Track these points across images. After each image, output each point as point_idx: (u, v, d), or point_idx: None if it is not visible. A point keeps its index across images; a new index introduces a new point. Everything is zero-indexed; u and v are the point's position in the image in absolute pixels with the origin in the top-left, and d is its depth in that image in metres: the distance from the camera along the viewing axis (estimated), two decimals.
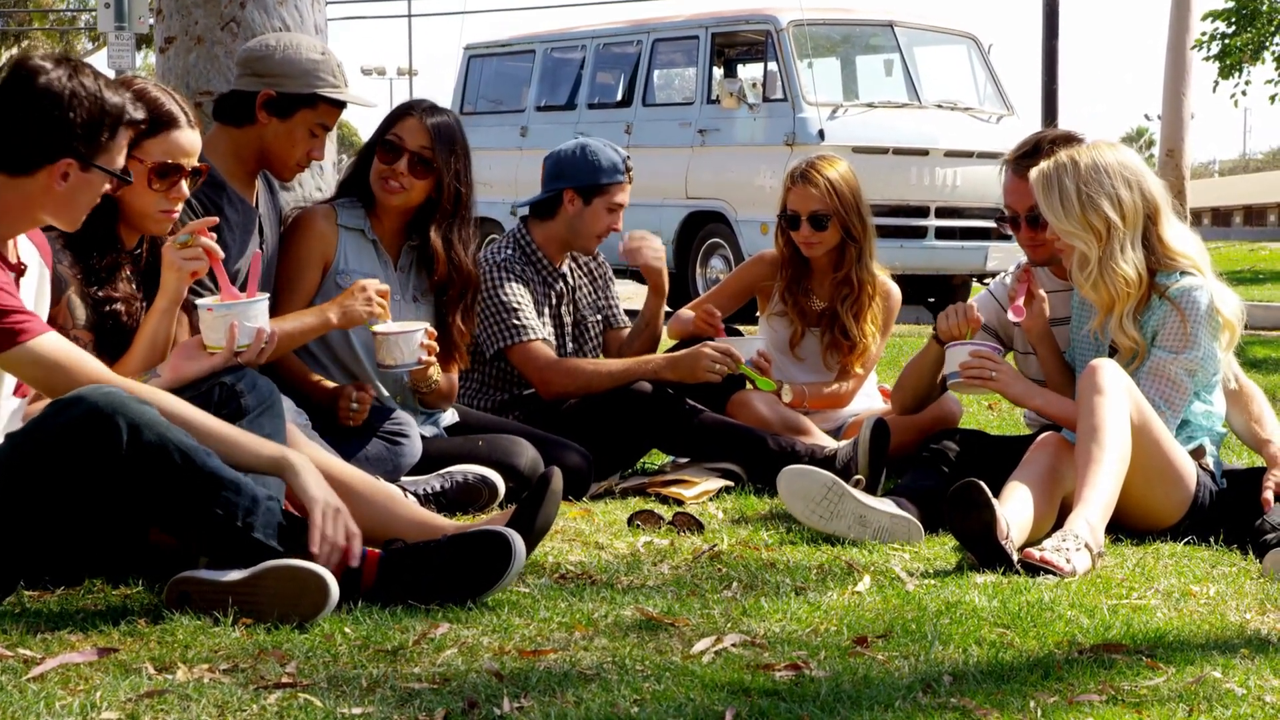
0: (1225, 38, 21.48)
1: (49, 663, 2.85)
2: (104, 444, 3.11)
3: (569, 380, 5.08)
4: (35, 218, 3.32)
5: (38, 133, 3.22)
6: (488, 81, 16.45)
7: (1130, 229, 4.26)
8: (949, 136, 13.62)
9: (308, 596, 3.16)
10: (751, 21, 14.14)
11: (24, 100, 3.22)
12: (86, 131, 3.24)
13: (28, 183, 3.25)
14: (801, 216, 5.29)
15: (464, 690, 2.75)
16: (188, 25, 5.21)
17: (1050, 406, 4.38)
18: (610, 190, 5.22)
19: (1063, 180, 4.27)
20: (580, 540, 4.14)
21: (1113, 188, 4.25)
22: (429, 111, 4.64)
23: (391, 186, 4.59)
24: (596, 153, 5.25)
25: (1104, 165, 4.27)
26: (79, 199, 3.31)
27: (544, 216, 5.27)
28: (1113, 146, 4.39)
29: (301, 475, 3.32)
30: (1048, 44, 18.67)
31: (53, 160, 3.24)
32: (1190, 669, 2.97)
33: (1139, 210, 4.28)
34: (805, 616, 3.33)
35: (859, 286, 5.33)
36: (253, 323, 3.61)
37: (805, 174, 5.32)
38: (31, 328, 3.20)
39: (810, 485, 4.18)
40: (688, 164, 14.02)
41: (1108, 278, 4.26)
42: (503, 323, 5.08)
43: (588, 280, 5.42)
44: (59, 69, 3.25)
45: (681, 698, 2.72)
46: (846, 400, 5.46)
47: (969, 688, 2.83)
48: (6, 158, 3.24)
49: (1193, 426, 4.34)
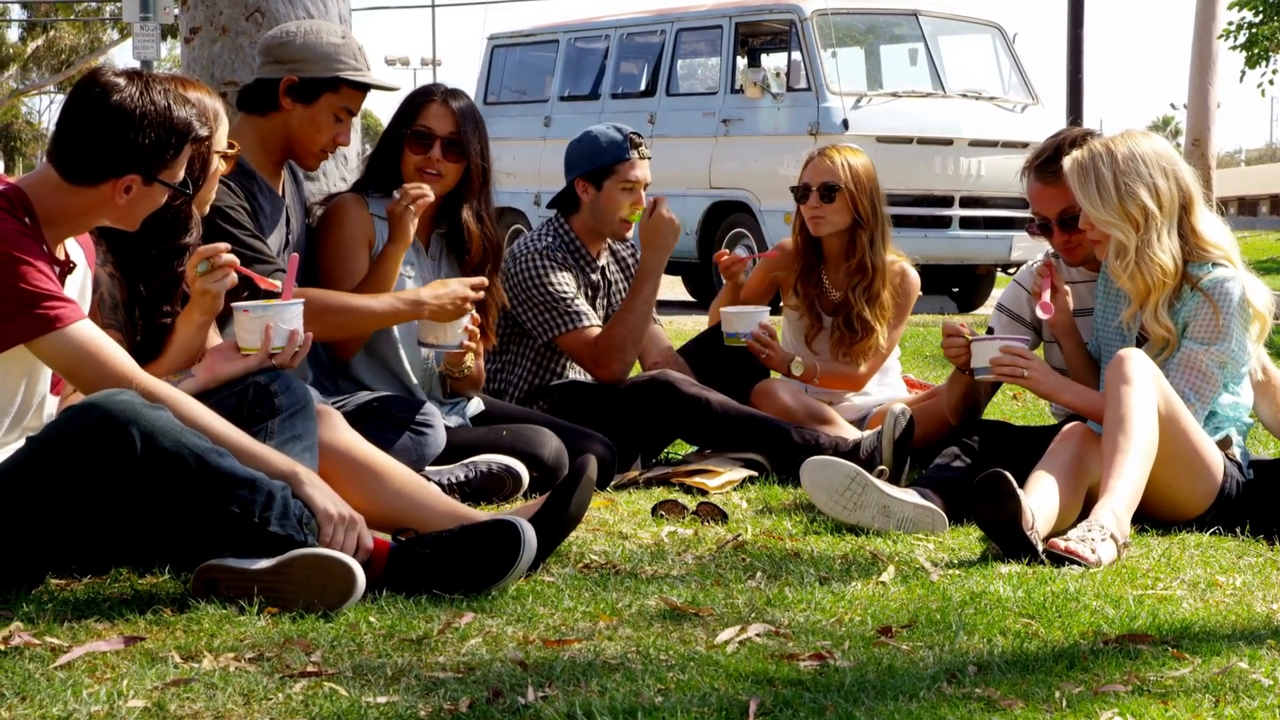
0: (1252, 27, 21.38)
1: (76, 651, 2.87)
2: (118, 451, 3.13)
3: (620, 351, 5.07)
4: (92, 223, 3.39)
5: (107, 150, 3.28)
6: (511, 71, 16.46)
7: (1167, 218, 4.24)
8: (973, 126, 13.59)
9: (334, 585, 3.17)
10: (775, 11, 14.11)
11: (96, 117, 3.27)
12: (154, 151, 3.30)
13: (91, 193, 3.31)
14: (812, 187, 5.29)
15: (489, 679, 2.75)
16: (212, 15, 5.23)
17: (1080, 401, 4.35)
18: (617, 169, 5.20)
19: (1099, 169, 4.25)
20: (604, 530, 4.14)
21: (1150, 176, 4.23)
22: (449, 95, 4.68)
23: (429, 176, 4.62)
24: (597, 136, 5.24)
25: (1141, 154, 4.25)
26: (139, 209, 3.37)
27: (570, 211, 5.29)
28: (1147, 135, 4.37)
29: (309, 488, 3.33)
30: (1073, 32, 18.59)
31: (119, 176, 3.29)
32: (1216, 660, 2.96)
33: (1175, 199, 4.26)
34: (830, 606, 3.32)
35: (872, 273, 5.32)
36: (288, 325, 3.63)
37: (822, 150, 5.38)
38: (67, 314, 3.23)
39: (833, 476, 4.17)
40: (711, 154, 14.00)
41: (1145, 267, 4.23)
42: (555, 311, 5.08)
43: (622, 275, 5.43)
44: (131, 86, 3.29)
45: (706, 687, 2.72)
46: (861, 382, 5.43)
47: (994, 678, 2.82)
48: (74, 169, 3.29)
49: (1219, 417, 4.32)
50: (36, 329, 3.21)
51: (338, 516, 3.30)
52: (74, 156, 3.29)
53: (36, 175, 3.34)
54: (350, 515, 3.33)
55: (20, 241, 3.19)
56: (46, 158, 3.34)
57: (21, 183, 3.31)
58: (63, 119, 3.30)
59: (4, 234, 3.17)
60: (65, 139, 3.29)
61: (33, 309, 3.20)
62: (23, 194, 3.28)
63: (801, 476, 4.25)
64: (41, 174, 3.33)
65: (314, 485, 3.34)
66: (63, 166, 3.29)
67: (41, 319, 3.21)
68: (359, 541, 3.32)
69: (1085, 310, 4.63)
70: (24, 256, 3.18)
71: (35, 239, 3.24)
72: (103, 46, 44.87)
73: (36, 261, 3.20)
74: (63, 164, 3.29)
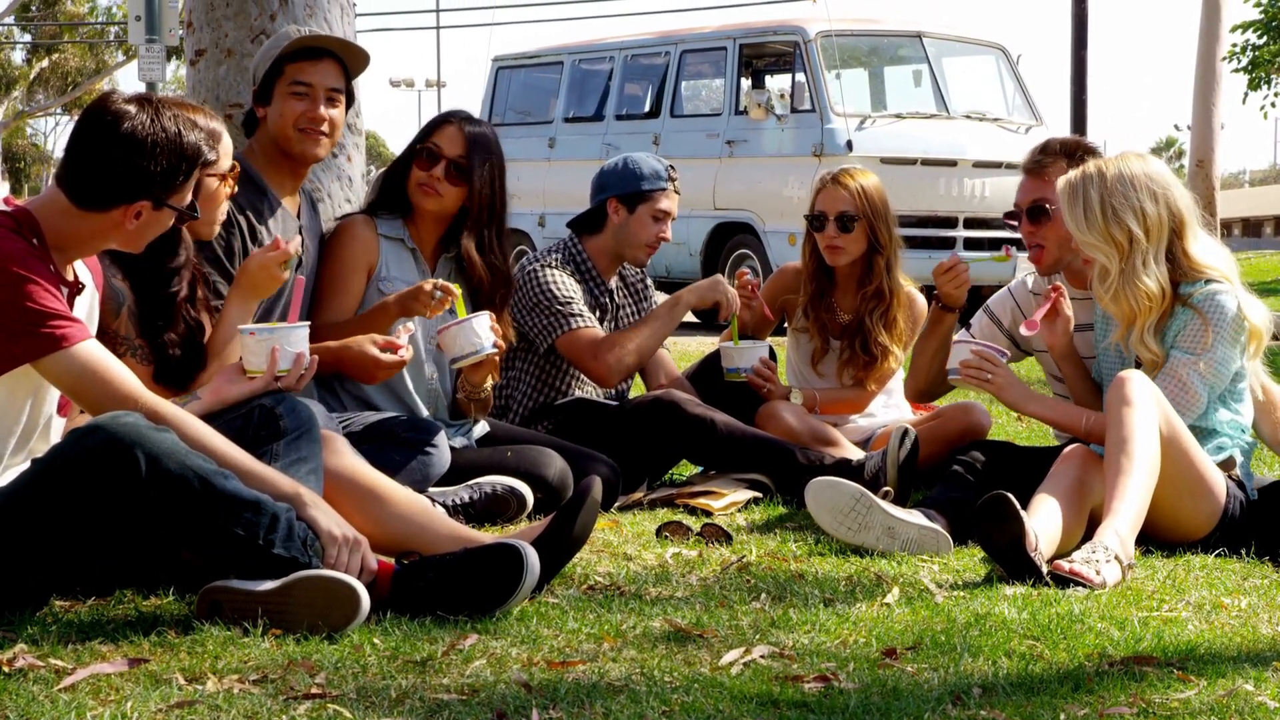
0: (1256, 49, 21.38)
1: (80, 673, 2.87)
2: (123, 473, 3.13)
3: (623, 352, 5.08)
4: (101, 246, 3.41)
5: (120, 178, 3.29)
6: (516, 93, 16.49)
7: (1154, 243, 4.24)
8: (977, 147, 13.61)
9: (338, 607, 3.17)
10: (779, 33, 14.14)
11: (107, 144, 3.28)
12: (165, 177, 3.31)
13: (100, 218, 3.32)
14: (829, 217, 5.30)
15: (493, 701, 2.75)
16: (218, 38, 5.24)
17: (1049, 412, 4.42)
18: (653, 197, 5.25)
19: (1088, 191, 4.25)
20: (608, 551, 4.14)
21: (1138, 200, 4.23)
22: (467, 121, 4.72)
23: (427, 191, 4.65)
24: (639, 162, 5.30)
25: (1130, 177, 4.25)
26: (147, 233, 3.39)
27: (592, 231, 5.30)
28: (1141, 157, 4.37)
29: (313, 509, 3.33)
30: (1077, 54, 18.60)
31: (130, 202, 3.31)
32: (1222, 682, 2.95)
33: (1164, 224, 4.25)
34: (834, 628, 3.32)
35: (890, 297, 5.33)
36: (294, 348, 3.64)
37: (836, 177, 5.36)
38: (73, 334, 3.24)
39: (838, 497, 4.17)
40: (715, 175, 14.03)
41: (1128, 291, 4.24)
42: (556, 314, 5.09)
43: (632, 302, 5.44)
44: (142, 114, 3.30)
45: (710, 709, 2.72)
46: (863, 405, 5.44)
47: (998, 700, 2.82)
48: (84, 194, 3.30)
49: (1221, 436, 4.32)
50: (42, 348, 3.22)
51: (341, 538, 3.31)
52: (85, 183, 3.29)
53: (45, 198, 3.35)
54: (354, 536, 3.33)
55: (27, 261, 3.20)
56: (55, 181, 3.35)
57: (30, 205, 3.32)
58: (72, 145, 3.31)
59: (11, 253, 3.18)
60: (76, 165, 3.30)
61: (39, 328, 3.20)
62: (31, 216, 3.28)
63: (806, 497, 4.25)
64: (50, 197, 3.33)
65: (318, 507, 3.35)
66: (72, 191, 3.30)
67: (47, 338, 3.21)
68: (363, 563, 3.33)
69: (1087, 325, 4.64)
70: (31, 275, 3.19)
71: (43, 259, 3.24)
72: (108, 69, 44.98)
73: (43, 281, 3.20)
74: (72, 189, 3.30)
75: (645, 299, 5.47)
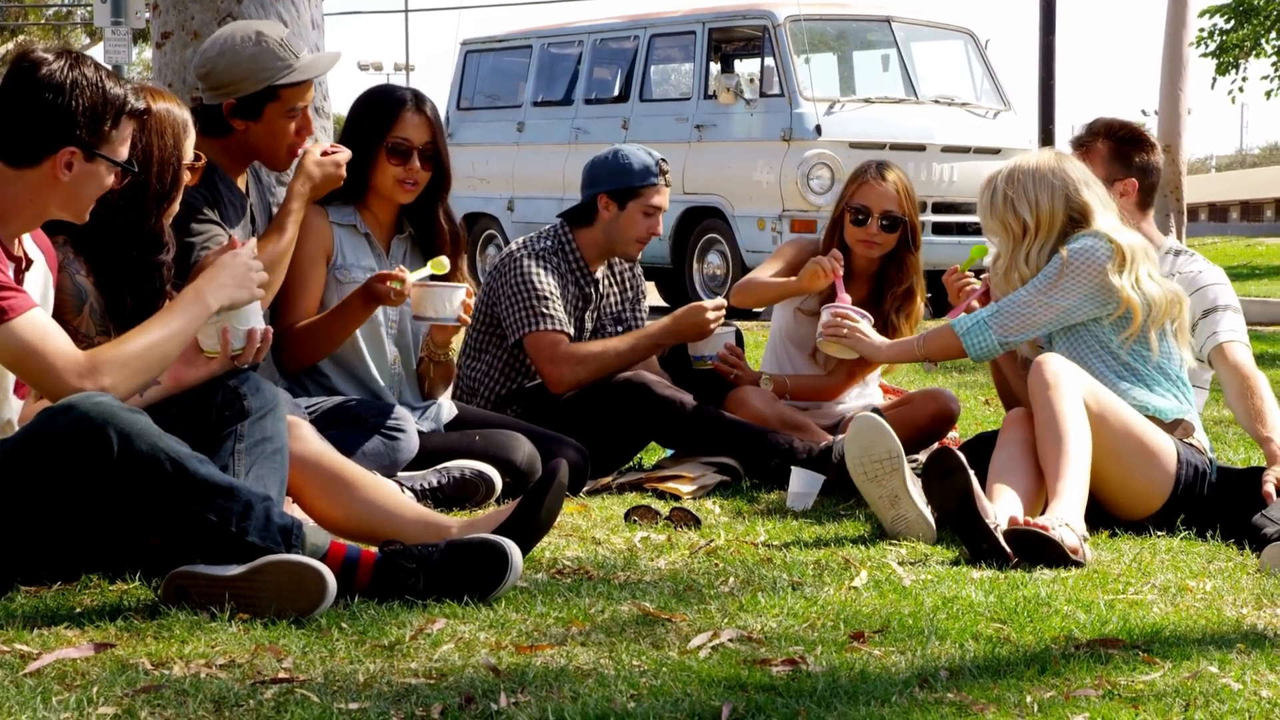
0: (1223, 34, 21.47)
1: (45, 658, 2.85)
2: (94, 453, 3.11)
3: (580, 368, 5.04)
4: (42, 211, 3.34)
5: (40, 122, 3.25)
6: (485, 77, 16.43)
7: (1044, 234, 4.41)
8: (946, 132, 13.62)
9: (305, 591, 3.16)
10: (748, 17, 14.12)
11: (26, 92, 3.25)
12: (89, 120, 3.27)
13: (32, 174, 3.27)
14: (874, 213, 5.26)
15: (460, 686, 2.75)
16: (184, 20, 5.20)
17: (899, 355, 4.77)
18: (644, 193, 5.20)
19: (996, 182, 4.49)
20: (577, 536, 4.14)
21: (1033, 193, 4.41)
22: (417, 101, 4.68)
23: (409, 187, 4.64)
24: (629, 156, 5.25)
25: (1034, 171, 4.43)
26: (84, 190, 3.33)
27: (583, 224, 5.27)
28: (1060, 156, 4.53)
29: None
30: (1045, 39, 18.64)
31: (55, 149, 3.26)
32: (1187, 664, 2.97)
33: (1057, 216, 4.40)
34: (802, 612, 3.33)
35: (915, 295, 5.36)
36: (244, 325, 3.60)
37: (882, 171, 5.32)
38: (16, 305, 3.20)
39: (878, 440, 4.13)
40: (685, 159, 14.01)
41: (1010, 275, 4.45)
42: (530, 309, 5.06)
43: (618, 290, 5.41)
44: (60, 60, 3.28)
45: (678, 693, 2.72)
46: (836, 392, 5.44)
47: (965, 683, 2.83)
48: (11, 150, 3.26)
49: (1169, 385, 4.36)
50: None
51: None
52: (10, 136, 3.26)
53: None
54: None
55: None
56: None
57: None
58: None
59: None
60: (1, 121, 3.27)
61: None
62: None
63: (851, 426, 4.21)
64: None
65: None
66: (2, 151, 3.26)
67: None
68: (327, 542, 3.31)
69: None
70: None
71: None
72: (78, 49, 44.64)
73: None
74: (2, 148, 3.26)
75: (632, 288, 5.44)
